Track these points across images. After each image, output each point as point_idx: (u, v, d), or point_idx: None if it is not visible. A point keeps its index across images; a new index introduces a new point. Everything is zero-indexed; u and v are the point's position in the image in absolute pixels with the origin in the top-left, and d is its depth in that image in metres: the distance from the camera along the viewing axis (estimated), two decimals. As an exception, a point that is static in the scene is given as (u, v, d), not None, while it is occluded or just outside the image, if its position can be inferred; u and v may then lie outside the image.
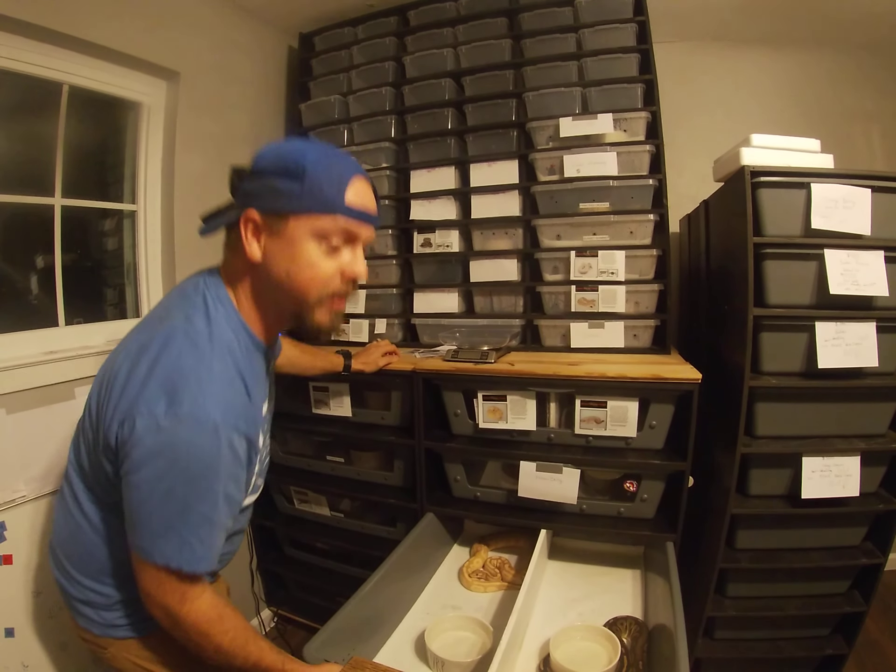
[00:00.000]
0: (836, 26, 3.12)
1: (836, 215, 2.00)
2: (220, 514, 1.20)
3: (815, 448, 2.11)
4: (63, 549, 1.41)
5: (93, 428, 1.26)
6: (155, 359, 1.16)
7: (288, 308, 1.31)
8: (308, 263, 1.23)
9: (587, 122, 2.54)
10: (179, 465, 1.11)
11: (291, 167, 1.18)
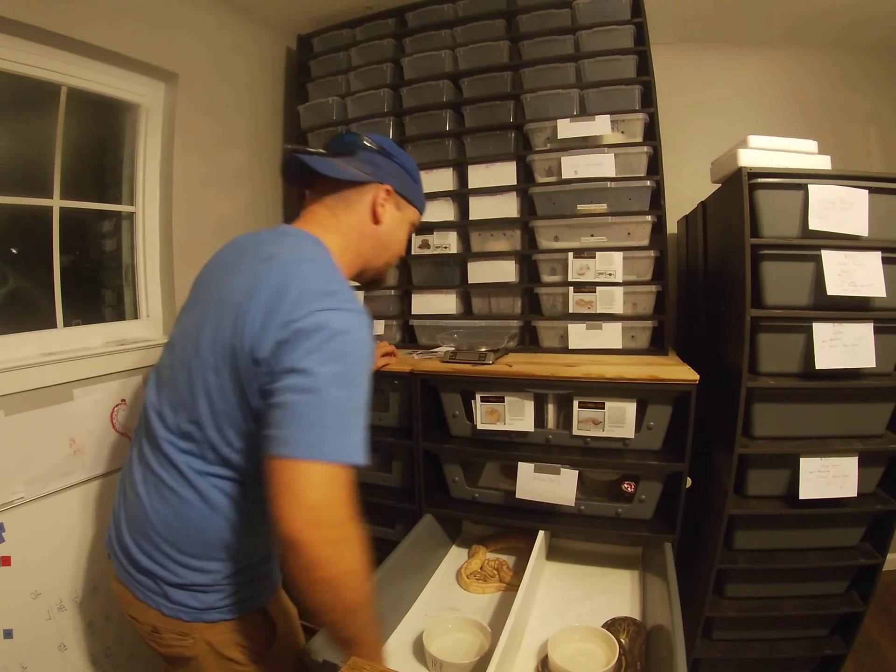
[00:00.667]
0: (834, 28, 3.12)
1: (833, 216, 2.00)
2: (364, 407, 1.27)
3: (813, 449, 2.11)
4: (163, 532, 1.34)
5: (228, 367, 1.24)
6: (297, 275, 1.23)
7: (377, 263, 1.60)
8: (403, 238, 1.65)
9: (585, 123, 2.54)
10: (353, 354, 1.20)
11: (416, 173, 1.64)
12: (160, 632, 1.39)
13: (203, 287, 1.47)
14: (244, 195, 3.10)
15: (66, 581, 2.09)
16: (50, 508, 2.06)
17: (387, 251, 1.59)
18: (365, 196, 1.49)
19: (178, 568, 1.34)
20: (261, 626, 1.44)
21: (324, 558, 1.13)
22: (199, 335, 1.31)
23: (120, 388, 2.35)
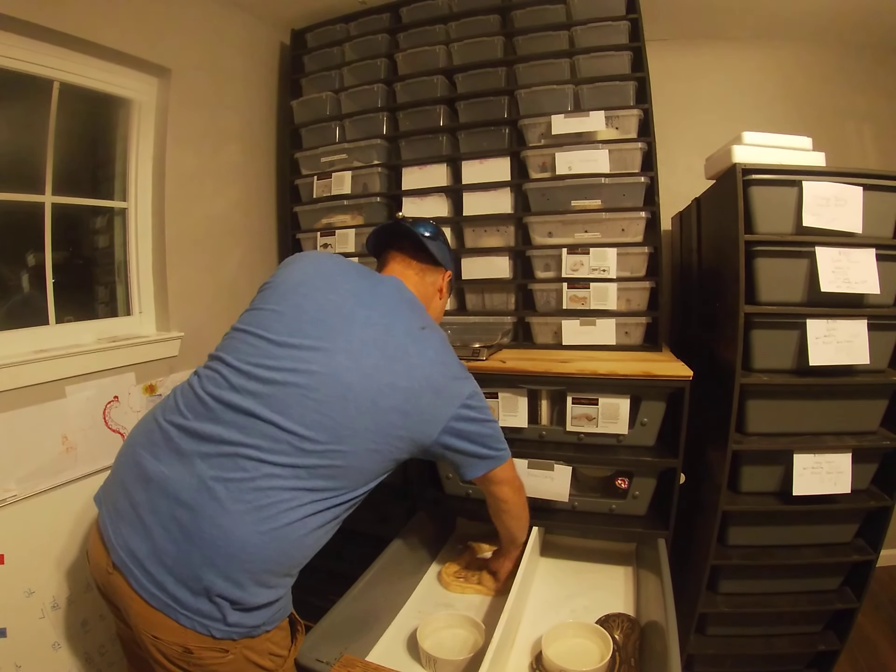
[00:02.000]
0: (829, 25, 3.12)
1: (827, 213, 2.00)
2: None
3: (807, 445, 2.11)
4: (255, 555, 1.33)
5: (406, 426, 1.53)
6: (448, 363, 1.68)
7: None
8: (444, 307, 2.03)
9: (579, 119, 2.54)
10: (484, 403, 1.73)
11: (454, 262, 2.18)
12: (194, 651, 1.32)
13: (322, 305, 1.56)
14: (237, 190, 3.09)
15: (60, 579, 2.08)
16: (43, 506, 2.05)
17: (436, 318, 1.92)
18: (438, 275, 1.89)
19: (258, 588, 1.35)
20: (285, 631, 1.49)
21: (517, 500, 1.91)
22: (349, 369, 1.46)
23: (113, 384, 2.35)
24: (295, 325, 1.50)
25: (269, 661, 1.42)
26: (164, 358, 2.56)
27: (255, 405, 1.38)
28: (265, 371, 1.42)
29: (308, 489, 1.39)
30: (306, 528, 1.39)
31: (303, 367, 1.42)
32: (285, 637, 1.48)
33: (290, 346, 1.46)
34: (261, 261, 3.31)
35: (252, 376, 1.42)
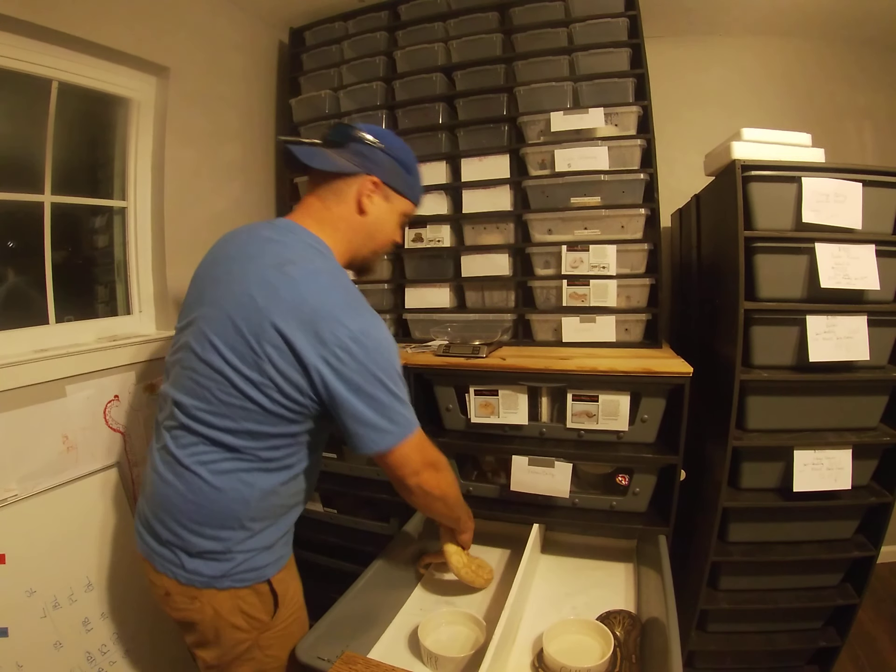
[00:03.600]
0: (829, 22, 3.12)
1: (827, 209, 2.00)
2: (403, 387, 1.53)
3: (807, 441, 2.12)
4: (181, 505, 1.50)
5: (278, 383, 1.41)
6: (324, 296, 1.42)
7: (366, 251, 1.70)
8: (394, 228, 1.74)
9: (578, 116, 2.54)
10: (386, 353, 1.46)
11: (407, 161, 1.69)
12: (172, 595, 1.54)
13: (210, 283, 1.57)
14: (237, 189, 3.09)
15: (61, 578, 2.08)
16: (44, 506, 2.05)
17: (372, 241, 1.69)
18: (352, 187, 1.60)
19: (197, 537, 1.50)
20: (265, 597, 1.58)
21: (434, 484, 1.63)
22: (217, 332, 1.45)
23: (113, 384, 2.35)
24: (185, 309, 1.64)
25: (243, 621, 1.55)
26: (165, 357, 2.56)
27: (167, 387, 1.60)
28: (170, 357, 1.65)
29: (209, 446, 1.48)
30: (213, 483, 1.48)
31: (181, 344, 1.57)
32: (263, 602, 1.58)
33: (180, 329, 1.63)
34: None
35: (168, 364, 1.66)
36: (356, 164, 1.59)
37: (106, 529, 2.26)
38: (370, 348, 1.41)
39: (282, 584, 1.63)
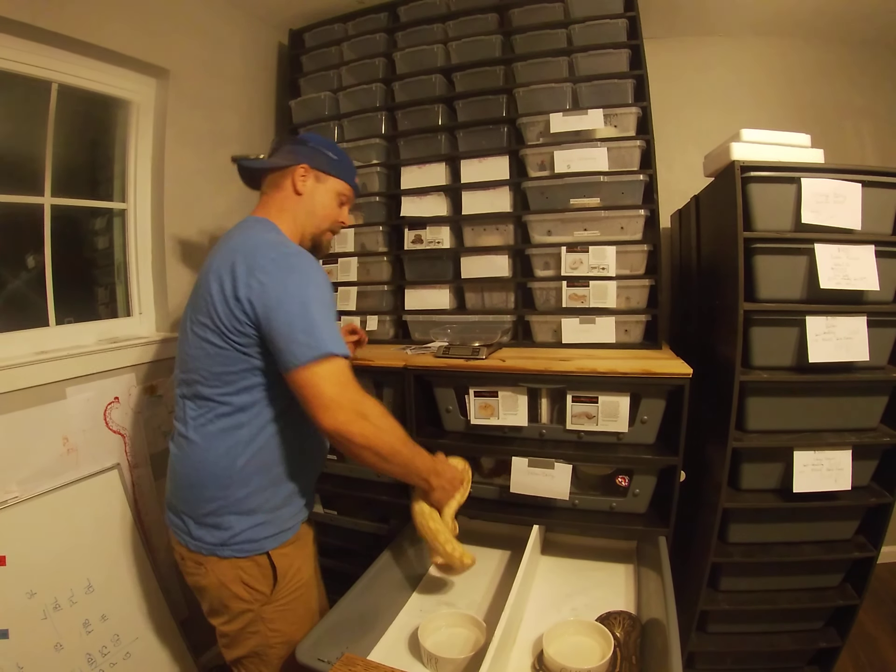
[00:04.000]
0: (828, 22, 3.13)
1: (826, 210, 2.00)
2: (330, 310, 1.62)
3: (807, 442, 2.12)
4: (181, 471, 1.73)
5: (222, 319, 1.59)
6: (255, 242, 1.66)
7: (309, 229, 1.89)
8: (331, 205, 1.93)
9: (578, 117, 2.54)
10: (309, 278, 1.59)
11: (332, 148, 1.95)
12: (185, 560, 1.75)
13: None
14: (236, 190, 3.07)
15: (62, 580, 2.08)
16: (44, 507, 2.06)
17: (314, 216, 1.89)
18: (287, 176, 1.86)
19: (203, 505, 1.68)
20: (265, 570, 1.71)
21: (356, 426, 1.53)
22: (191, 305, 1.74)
23: (113, 385, 2.35)
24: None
25: (245, 591, 1.69)
26: (165, 359, 2.56)
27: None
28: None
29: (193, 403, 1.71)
30: (200, 442, 1.68)
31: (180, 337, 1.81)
32: (263, 575, 1.71)
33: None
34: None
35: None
36: (288, 159, 1.87)
37: (106, 531, 2.26)
38: (291, 270, 1.57)
39: (284, 558, 1.74)
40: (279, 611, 1.73)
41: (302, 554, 1.84)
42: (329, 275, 2.95)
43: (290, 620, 1.75)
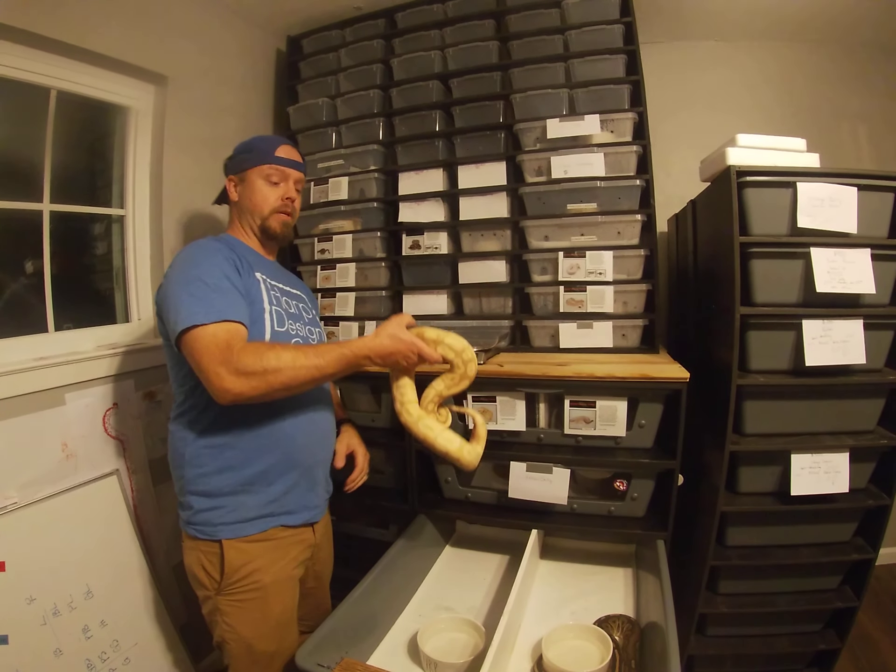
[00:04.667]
0: (823, 26, 3.14)
1: (822, 214, 2.01)
2: (223, 282, 1.63)
3: (804, 445, 2.12)
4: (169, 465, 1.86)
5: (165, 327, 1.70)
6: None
7: (254, 222, 1.95)
8: (259, 192, 1.94)
9: (574, 123, 2.54)
10: (188, 257, 1.70)
11: (245, 147, 1.99)
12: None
13: None
14: (235, 197, 3.10)
15: (61, 586, 2.08)
16: (43, 513, 2.06)
17: (249, 211, 1.95)
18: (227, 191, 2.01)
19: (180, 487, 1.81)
20: (215, 558, 1.73)
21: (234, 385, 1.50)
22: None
23: (112, 391, 2.36)
24: None
25: (203, 575, 1.75)
26: (163, 364, 2.54)
27: None
28: None
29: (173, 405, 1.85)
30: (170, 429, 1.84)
31: None
32: (213, 562, 1.73)
33: None
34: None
35: None
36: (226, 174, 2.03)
37: (105, 537, 2.26)
38: (176, 260, 1.72)
39: (238, 553, 1.72)
40: (231, 605, 1.74)
41: (269, 558, 1.76)
42: (326, 280, 2.96)
43: (242, 620, 1.75)
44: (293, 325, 1.87)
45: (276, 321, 1.79)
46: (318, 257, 3.03)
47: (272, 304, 1.81)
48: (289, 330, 1.84)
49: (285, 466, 1.79)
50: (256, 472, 1.73)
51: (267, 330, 1.74)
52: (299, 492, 1.84)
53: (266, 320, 1.75)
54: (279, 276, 2.00)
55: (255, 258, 1.92)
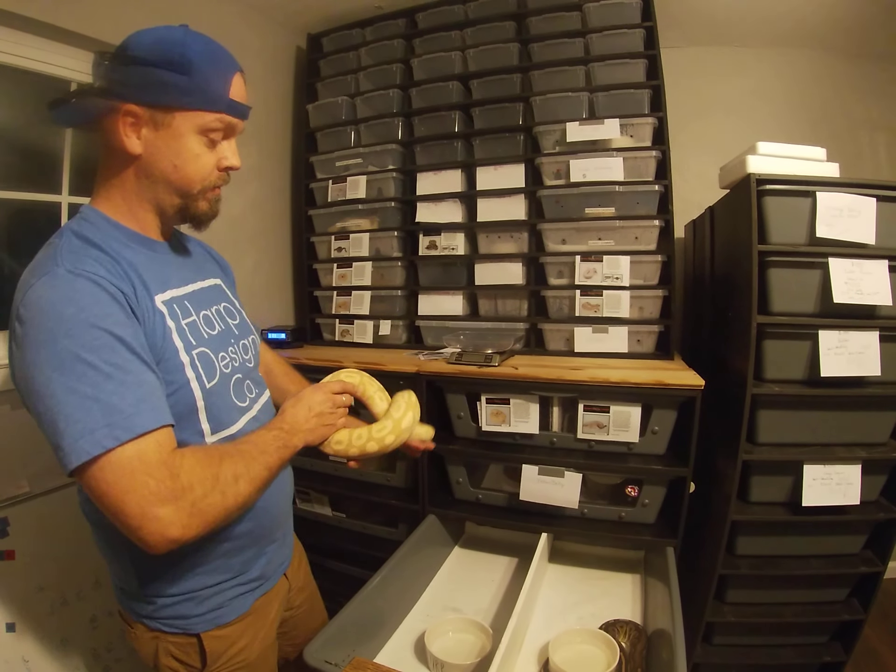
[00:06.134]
0: (843, 34, 3.12)
1: (840, 224, 2.00)
2: (119, 355, 1.04)
3: (817, 456, 2.11)
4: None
5: None
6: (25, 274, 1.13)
7: (170, 201, 1.27)
8: (194, 157, 1.23)
9: (594, 126, 2.54)
10: (49, 330, 1.00)
11: (177, 59, 1.21)
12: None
13: None
14: (252, 192, 3.11)
15: (70, 576, 2.10)
16: (54, 503, 2.07)
17: (169, 183, 1.25)
18: (112, 130, 1.21)
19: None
20: (192, 650, 1.36)
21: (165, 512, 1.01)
22: None
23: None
24: None
25: (176, 664, 1.37)
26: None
27: None
28: None
29: None
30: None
31: None
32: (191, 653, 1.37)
33: None
34: (274, 264, 3.32)
35: None
36: (106, 96, 1.19)
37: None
38: (32, 322, 1.03)
39: (221, 641, 1.38)
40: None
41: (251, 633, 1.45)
42: (343, 278, 2.96)
43: None
44: (225, 358, 1.35)
45: (204, 374, 1.25)
46: (334, 255, 3.04)
47: (190, 347, 1.24)
48: (221, 369, 1.32)
49: (262, 546, 1.47)
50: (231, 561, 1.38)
51: (196, 395, 1.23)
52: (277, 557, 1.54)
53: (191, 379, 1.21)
54: (183, 272, 1.39)
55: (145, 258, 1.25)
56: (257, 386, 1.50)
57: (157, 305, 1.19)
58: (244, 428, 1.35)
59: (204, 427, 1.25)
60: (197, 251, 1.54)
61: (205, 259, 1.57)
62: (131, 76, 1.17)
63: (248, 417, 1.39)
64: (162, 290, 1.24)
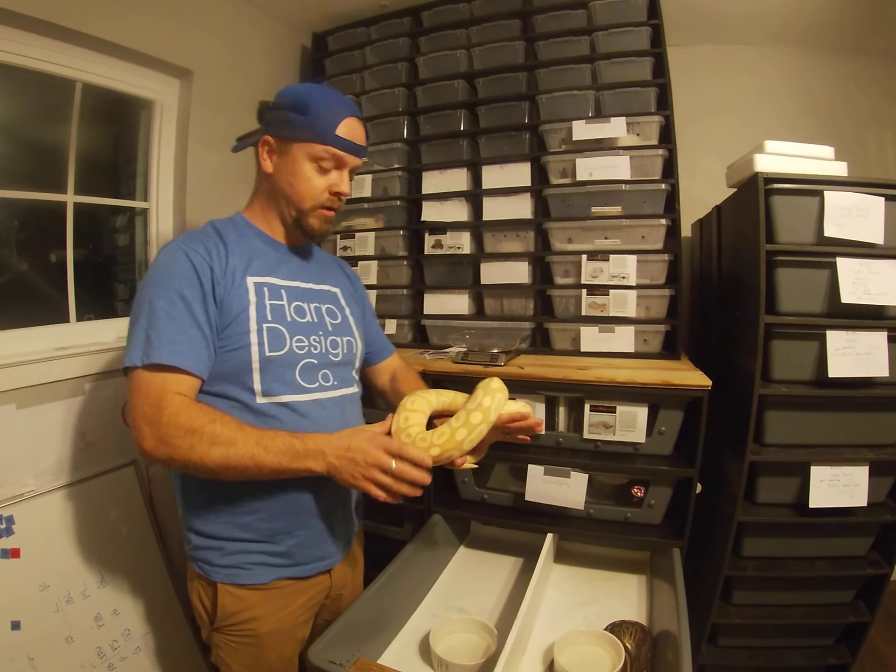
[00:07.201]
0: (850, 32, 3.11)
1: (849, 223, 1.99)
2: (174, 307, 1.38)
3: (824, 457, 2.10)
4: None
5: None
6: None
7: (288, 212, 1.62)
8: (305, 178, 1.57)
9: (600, 125, 2.54)
10: (149, 277, 1.43)
11: (300, 103, 1.53)
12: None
13: None
14: (259, 192, 3.11)
15: (75, 574, 2.10)
16: (60, 502, 2.08)
17: (287, 198, 1.60)
18: (257, 155, 1.64)
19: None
20: (210, 596, 1.58)
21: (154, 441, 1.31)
22: None
23: (131, 383, 2.36)
24: None
25: (199, 606, 1.62)
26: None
27: None
28: None
29: None
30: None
31: None
32: (208, 599, 1.59)
33: None
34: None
35: None
36: (255, 133, 1.68)
37: (121, 526, 2.27)
38: (146, 275, 1.46)
39: (234, 599, 1.54)
40: (225, 643, 1.59)
41: (269, 607, 1.58)
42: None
43: (235, 659, 1.60)
44: (303, 342, 1.57)
45: (268, 343, 1.48)
46: (340, 254, 3.04)
47: (263, 321, 1.49)
48: (293, 349, 1.54)
49: (293, 525, 1.58)
50: (258, 523, 1.53)
51: (254, 357, 1.47)
52: (311, 544, 1.63)
53: (252, 343, 1.46)
54: (299, 272, 1.69)
55: (263, 251, 1.61)
56: (338, 379, 1.68)
57: (246, 283, 1.51)
58: (303, 407, 1.55)
59: (256, 387, 1.49)
60: (328, 265, 1.89)
61: (332, 271, 1.88)
62: (272, 116, 1.59)
63: (310, 398, 1.58)
64: (259, 275, 1.56)
